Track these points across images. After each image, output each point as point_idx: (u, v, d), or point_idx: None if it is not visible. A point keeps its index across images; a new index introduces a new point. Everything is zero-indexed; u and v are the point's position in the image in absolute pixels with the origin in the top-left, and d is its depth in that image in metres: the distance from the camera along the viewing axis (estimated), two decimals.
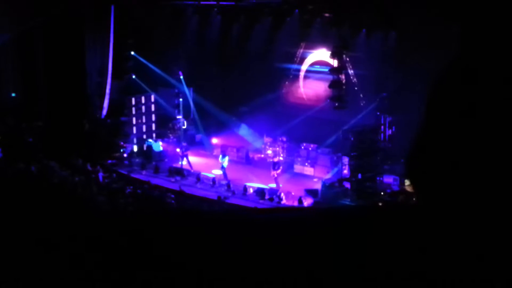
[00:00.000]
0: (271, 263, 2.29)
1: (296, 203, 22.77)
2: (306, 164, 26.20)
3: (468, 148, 1.77)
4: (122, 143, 28.66)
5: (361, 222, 2.36)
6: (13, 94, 29.37)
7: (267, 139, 28.00)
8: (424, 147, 1.79)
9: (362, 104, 25.57)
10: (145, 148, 28.90)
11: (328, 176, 24.92)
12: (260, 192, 23.94)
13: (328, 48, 25.81)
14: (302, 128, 27.17)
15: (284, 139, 27.49)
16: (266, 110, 28.13)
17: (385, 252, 2.09)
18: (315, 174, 25.69)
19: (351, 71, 25.65)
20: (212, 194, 24.02)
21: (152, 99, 30.49)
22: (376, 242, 2.14)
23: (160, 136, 29.97)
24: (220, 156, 26.48)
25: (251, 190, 24.28)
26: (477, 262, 1.79)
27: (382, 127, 24.58)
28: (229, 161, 26.28)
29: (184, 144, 27.90)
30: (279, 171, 25.10)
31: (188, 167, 27.06)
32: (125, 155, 28.31)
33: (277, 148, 27.48)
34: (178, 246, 2.48)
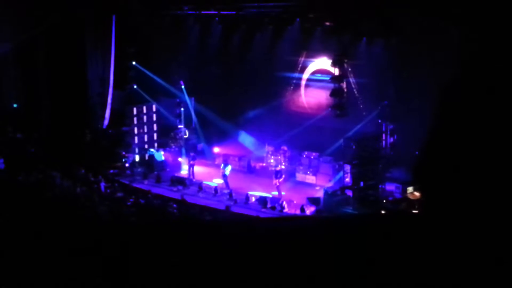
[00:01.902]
0: (273, 271, 2.28)
1: (298, 212, 22.73)
2: (308, 172, 26.17)
3: (478, 155, 1.76)
4: (124, 153, 28.66)
5: (364, 230, 2.36)
6: (15, 105, 29.38)
7: (269, 148, 27.98)
8: (434, 153, 1.79)
9: (363, 112, 25.55)
10: (147, 158, 28.89)
11: (330, 184, 24.88)
12: (262, 200, 23.90)
13: (329, 56, 25.80)
14: (304, 136, 27.16)
15: (286, 147, 27.47)
16: (267, 118, 28.13)
17: (387, 259, 2.08)
18: (317, 183, 25.66)
19: (352, 79, 25.63)
20: (214, 203, 23.99)
21: (154, 109, 30.50)
22: (378, 250, 2.14)
23: (162, 146, 29.94)
24: (222, 165, 26.46)
25: (253, 199, 24.25)
26: (481, 269, 1.78)
27: (384, 134, 24.56)
28: (231, 170, 26.27)
29: (191, 154, 27.90)
30: (281, 179, 25.07)
31: (190, 176, 27.06)
32: (127, 165, 28.30)
33: (279, 157, 27.45)
34: (181, 254, 2.48)
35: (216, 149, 29.34)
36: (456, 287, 1.79)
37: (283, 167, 26.66)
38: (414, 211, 18.48)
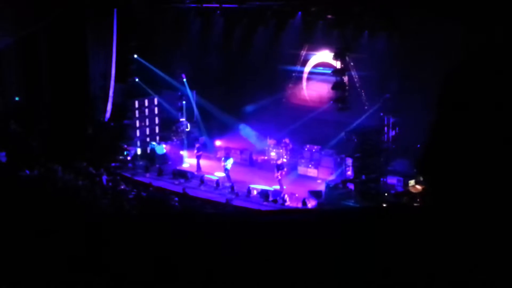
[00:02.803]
0: (275, 264, 2.29)
1: (300, 205, 22.75)
2: (310, 165, 26.18)
3: (481, 148, 1.75)
4: (125, 146, 28.68)
5: (365, 223, 2.36)
6: (17, 98, 29.40)
7: (270, 141, 27.98)
8: (436, 146, 1.79)
9: (365, 105, 25.54)
10: (148, 151, 28.92)
11: (332, 177, 24.89)
12: (264, 194, 23.92)
13: (331, 49, 25.79)
14: (306, 129, 27.15)
15: (288, 141, 27.47)
16: (269, 112, 28.12)
17: (389, 253, 2.09)
18: (318, 176, 25.67)
19: (354, 73, 25.61)
20: (216, 196, 24.02)
21: (156, 102, 30.51)
22: (380, 243, 2.14)
23: (163, 139, 29.97)
24: (223, 158, 26.47)
25: (255, 192, 24.27)
26: (482, 263, 1.78)
27: (386, 128, 24.54)
28: (233, 163, 26.28)
29: (197, 145, 27.94)
30: (283, 172, 25.08)
31: (194, 169, 27.11)
32: (128, 158, 28.32)
33: (281, 150, 27.45)
34: (182, 248, 2.48)
35: (217, 142, 29.35)
36: (459, 281, 1.79)
37: (284, 160, 26.66)
38: (416, 204, 18.49)
